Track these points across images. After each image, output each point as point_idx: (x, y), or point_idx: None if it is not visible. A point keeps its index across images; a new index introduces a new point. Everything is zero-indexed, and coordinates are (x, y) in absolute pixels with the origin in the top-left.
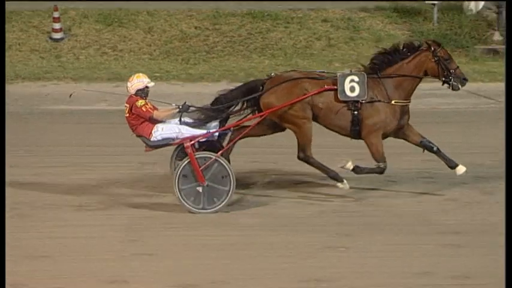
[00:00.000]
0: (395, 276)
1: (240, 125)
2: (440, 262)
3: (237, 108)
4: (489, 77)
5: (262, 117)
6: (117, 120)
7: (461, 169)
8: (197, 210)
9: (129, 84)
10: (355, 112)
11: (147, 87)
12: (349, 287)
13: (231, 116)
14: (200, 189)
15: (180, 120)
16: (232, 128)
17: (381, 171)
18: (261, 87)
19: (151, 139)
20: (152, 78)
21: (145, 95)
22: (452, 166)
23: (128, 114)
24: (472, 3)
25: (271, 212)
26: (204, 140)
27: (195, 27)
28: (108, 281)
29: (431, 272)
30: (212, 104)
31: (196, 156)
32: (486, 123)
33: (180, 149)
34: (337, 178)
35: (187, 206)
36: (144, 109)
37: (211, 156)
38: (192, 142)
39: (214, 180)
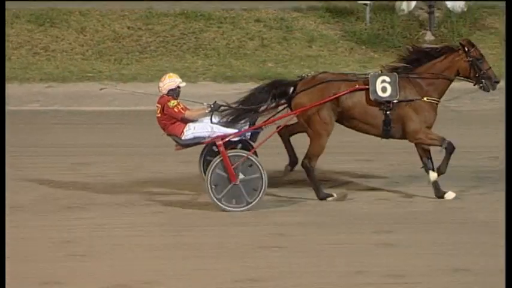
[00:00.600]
0: (329, 275)
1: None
2: (373, 261)
3: (270, 107)
4: None
5: (292, 117)
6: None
7: (450, 194)
8: (242, 208)
9: (161, 84)
10: (388, 112)
11: (178, 87)
12: (283, 286)
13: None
14: (235, 187)
15: (211, 119)
16: (263, 127)
17: (451, 149)
18: (292, 88)
19: (183, 138)
20: (85, 78)
21: (176, 95)
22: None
23: (159, 115)
24: (404, 3)
25: (203, 212)
26: (236, 138)
27: (128, 27)
28: (41, 282)
29: (364, 271)
30: (242, 102)
31: (229, 154)
32: None
33: (209, 148)
34: (325, 198)
35: (215, 201)
36: (176, 110)
37: (244, 154)
38: (224, 140)
39: (246, 180)
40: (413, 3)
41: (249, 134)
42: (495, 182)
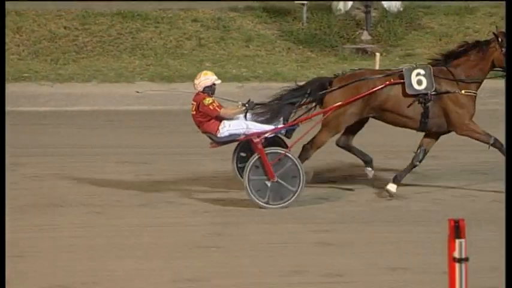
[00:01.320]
0: (267, 275)
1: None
2: (312, 260)
3: (304, 104)
4: None
5: (326, 114)
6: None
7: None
8: (261, 203)
9: (196, 81)
10: (426, 105)
11: (214, 84)
12: (220, 286)
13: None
14: (269, 184)
15: (245, 116)
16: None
17: (500, 146)
18: (327, 85)
19: (218, 135)
20: (21, 78)
21: (212, 92)
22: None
23: (194, 112)
24: (341, 3)
25: (141, 212)
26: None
27: (64, 27)
28: None
29: (303, 271)
30: (277, 100)
31: (267, 151)
32: None
33: (243, 145)
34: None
35: (253, 197)
36: (211, 107)
37: (281, 151)
38: (261, 138)
39: (284, 177)
40: (350, 3)
41: (284, 130)
42: (432, 179)
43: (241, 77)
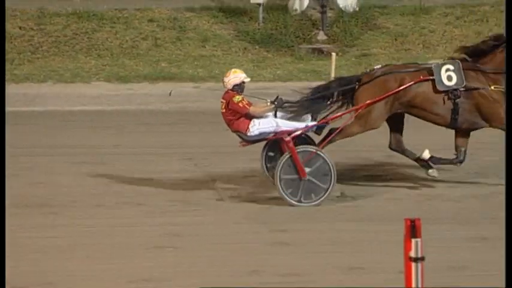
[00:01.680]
0: (224, 275)
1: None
2: (269, 260)
3: (333, 101)
4: (314, 76)
5: (358, 111)
6: None
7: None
8: (293, 202)
9: (225, 79)
10: (456, 101)
11: (243, 82)
12: (177, 286)
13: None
14: (300, 182)
15: (275, 114)
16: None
17: None
18: (356, 82)
19: (248, 134)
20: None
21: (241, 90)
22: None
23: (224, 110)
24: (297, 3)
25: (96, 212)
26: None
27: (20, 28)
28: None
29: (260, 270)
30: (306, 97)
31: (298, 150)
32: None
33: (271, 144)
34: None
35: (285, 196)
36: (241, 105)
37: (312, 149)
38: (292, 136)
39: (315, 175)
40: (306, 3)
41: (315, 128)
42: (387, 178)
43: (197, 77)
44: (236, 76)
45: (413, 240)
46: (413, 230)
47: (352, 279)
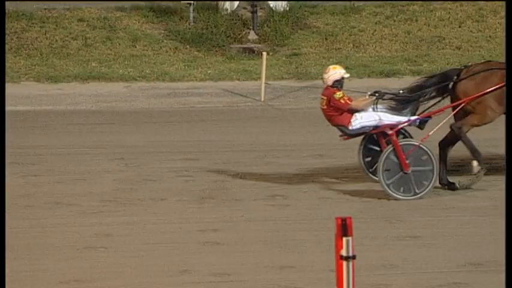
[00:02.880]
0: (155, 275)
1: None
2: (199, 260)
3: (430, 96)
4: (245, 76)
5: (461, 105)
6: None
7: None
8: (398, 196)
9: (325, 75)
10: None
11: (343, 78)
12: (108, 286)
13: (421, 104)
14: (406, 176)
15: (375, 108)
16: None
17: None
18: (455, 76)
19: (350, 128)
20: None
21: (341, 86)
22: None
23: (325, 107)
24: (227, 3)
25: (27, 213)
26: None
27: None
28: None
29: (190, 270)
30: (407, 91)
31: (401, 143)
32: (243, 121)
33: (368, 138)
34: (480, 160)
35: (389, 191)
36: (342, 101)
37: (415, 143)
38: (395, 130)
39: (417, 165)
40: (236, 2)
41: (418, 121)
42: (318, 178)
43: (128, 77)
44: (335, 72)
45: (344, 239)
46: (344, 228)
47: (283, 277)
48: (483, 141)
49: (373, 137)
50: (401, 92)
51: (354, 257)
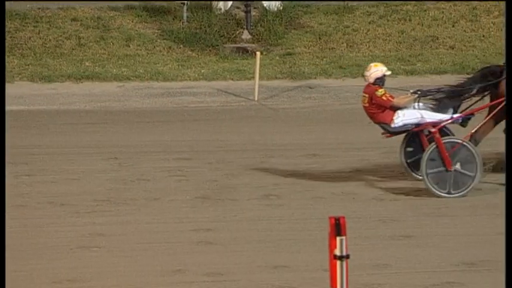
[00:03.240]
0: (148, 274)
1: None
2: (193, 259)
3: (472, 93)
4: (238, 75)
5: (502, 103)
6: None
7: None
8: (443, 194)
9: (367, 73)
10: None
11: (384, 75)
12: (102, 286)
13: (464, 102)
14: (447, 174)
15: (417, 105)
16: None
17: None
18: (499, 73)
19: (392, 125)
20: None
21: (382, 83)
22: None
23: (367, 104)
24: (221, 2)
25: (20, 212)
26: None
27: None
28: None
29: (184, 270)
30: (448, 90)
31: (444, 141)
32: (236, 121)
33: (409, 139)
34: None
35: (434, 190)
36: (384, 98)
37: (458, 140)
38: (437, 128)
39: (461, 165)
40: (230, 2)
41: (461, 119)
42: (312, 177)
43: (121, 77)
44: (377, 69)
45: (338, 238)
46: (338, 228)
47: (277, 277)
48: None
49: (413, 139)
50: (443, 89)
51: (347, 257)
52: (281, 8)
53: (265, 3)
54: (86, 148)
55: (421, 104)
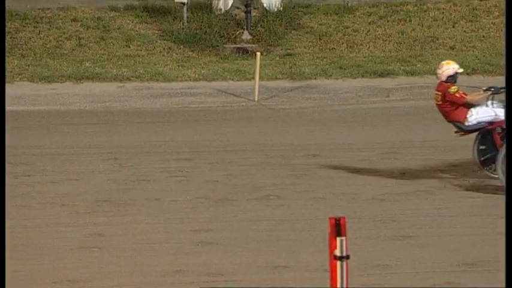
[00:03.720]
0: (148, 275)
1: None
2: (193, 260)
3: None
4: (239, 76)
5: None
6: None
7: None
8: None
9: (439, 71)
10: None
11: (456, 72)
12: (102, 286)
13: None
14: None
15: (491, 103)
16: None
17: None
18: None
19: (466, 124)
20: None
21: (455, 81)
22: None
23: (440, 102)
24: (221, 2)
25: (20, 213)
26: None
27: None
28: None
29: (184, 270)
30: None
31: None
32: (236, 121)
33: (481, 137)
34: None
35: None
36: (457, 95)
37: None
38: None
39: None
40: (230, 2)
41: None
42: (312, 178)
43: (122, 77)
44: (449, 67)
45: (338, 239)
46: (338, 228)
47: (277, 277)
48: None
49: (485, 137)
50: None
51: (347, 257)
52: (281, 8)
53: (265, 4)
54: (86, 148)
55: (496, 101)
